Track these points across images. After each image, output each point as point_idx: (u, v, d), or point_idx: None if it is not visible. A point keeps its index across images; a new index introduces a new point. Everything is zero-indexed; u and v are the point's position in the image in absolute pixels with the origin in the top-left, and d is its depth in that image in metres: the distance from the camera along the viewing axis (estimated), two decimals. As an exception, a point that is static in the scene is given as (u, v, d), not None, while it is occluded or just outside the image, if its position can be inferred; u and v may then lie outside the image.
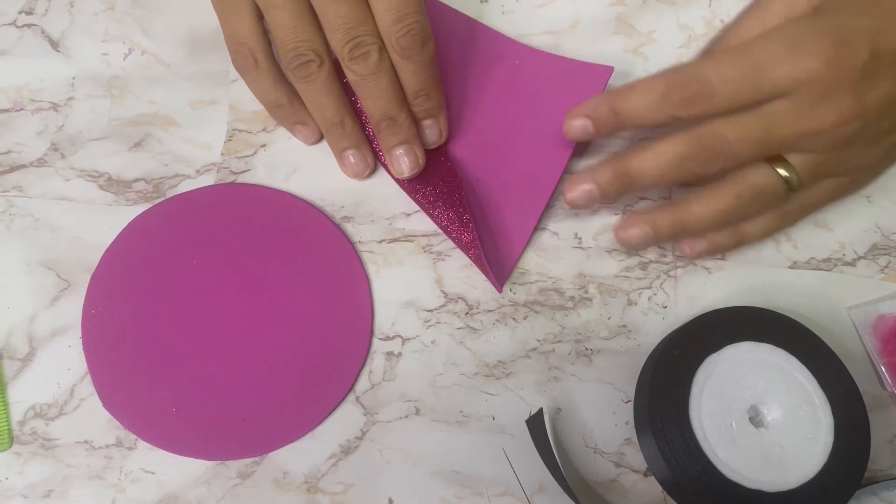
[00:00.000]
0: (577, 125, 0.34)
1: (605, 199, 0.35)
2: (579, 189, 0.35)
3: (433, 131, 0.38)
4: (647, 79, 0.33)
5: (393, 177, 0.38)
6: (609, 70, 0.39)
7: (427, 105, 0.36)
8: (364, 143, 0.38)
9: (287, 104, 0.37)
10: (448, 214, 0.37)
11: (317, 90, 0.35)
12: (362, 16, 0.33)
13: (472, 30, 0.41)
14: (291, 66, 0.34)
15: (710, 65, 0.32)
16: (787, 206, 0.36)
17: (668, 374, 0.35)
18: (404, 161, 0.37)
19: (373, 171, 0.39)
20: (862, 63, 0.31)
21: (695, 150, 0.33)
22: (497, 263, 0.38)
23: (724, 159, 0.33)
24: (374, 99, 0.35)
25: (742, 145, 0.33)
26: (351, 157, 0.38)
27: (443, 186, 0.38)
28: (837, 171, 0.35)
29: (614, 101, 0.33)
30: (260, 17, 0.35)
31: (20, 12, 0.41)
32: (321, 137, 0.39)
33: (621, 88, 0.33)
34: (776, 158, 0.34)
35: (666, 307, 0.38)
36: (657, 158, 0.34)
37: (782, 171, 0.34)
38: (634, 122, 0.34)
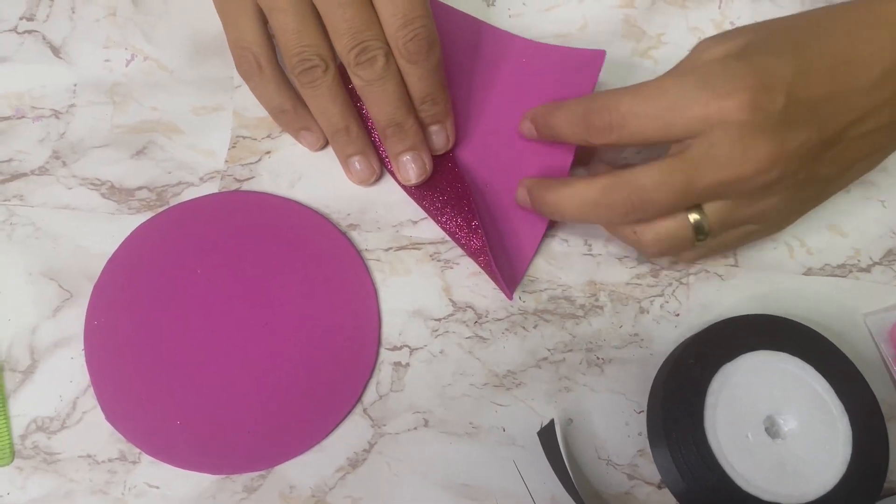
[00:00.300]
0: (524, 127, 0.36)
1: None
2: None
3: (440, 137, 0.37)
4: (575, 99, 0.33)
5: (399, 183, 0.38)
6: (600, 54, 0.38)
7: (434, 110, 0.36)
8: (370, 149, 0.37)
9: (291, 110, 0.37)
10: (456, 221, 0.36)
11: (322, 95, 0.35)
12: (368, 20, 0.32)
13: (477, 30, 0.40)
14: (296, 72, 0.34)
15: (627, 97, 0.31)
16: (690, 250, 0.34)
17: (682, 383, 0.34)
18: (411, 167, 0.36)
19: (379, 178, 0.38)
20: (780, 108, 0.29)
21: (610, 201, 0.31)
22: (507, 270, 0.37)
23: (641, 212, 0.31)
24: (381, 105, 0.34)
25: (661, 195, 0.31)
26: (356, 163, 0.37)
27: (450, 192, 0.37)
28: (749, 220, 0.33)
29: (549, 113, 0.34)
30: (264, 21, 0.34)
31: (21, 18, 0.40)
32: (326, 143, 0.39)
33: (557, 103, 0.34)
34: (692, 206, 0.32)
35: (678, 315, 0.37)
36: (572, 199, 0.33)
37: (694, 217, 0.32)
38: (561, 138, 0.34)
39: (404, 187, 0.38)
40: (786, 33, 0.31)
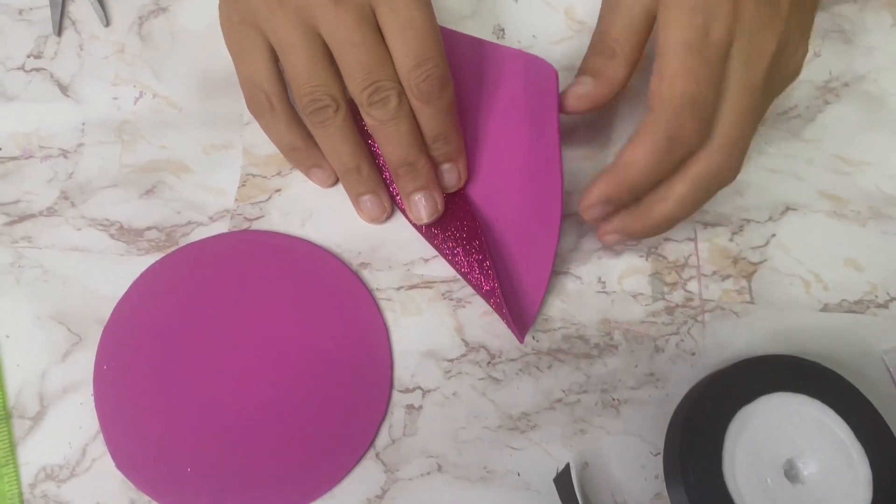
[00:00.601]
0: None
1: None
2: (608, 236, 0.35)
3: (452, 175, 0.37)
4: (638, 136, 0.31)
5: (411, 222, 0.37)
6: None
7: (446, 149, 0.36)
8: (381, 188, 0.37)
9: (303, 147, 0.36)
10: (468, 261, 0.36)
11: (332, 135, 0.35)
12: (381, 60, 0.32)
13: (486, 53, 0.40)
14: (307, 111, 0.34)
15: (678, 79, 0.30)
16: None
17: (699, 427, 0.33)
18: (423, 207, 0.36)
19: (390, 216, 0.38)
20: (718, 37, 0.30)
21: (676, 124, 0.31)
22: (519, 310, 0.37)
23: (706, 126, 0.31)
24: (393, 144, 0.34)
25: (748, 127, 0.32)
26: (368, 202, 0.37)
27: (462, 231, 0.37)
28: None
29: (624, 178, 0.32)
30: (275, 58, 0.34)
31: (28, 56, 0.40)
32: (337, 180, 0.38)
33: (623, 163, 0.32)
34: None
35: (694, 354, 0.37)
36: (672, 204, 0.33)
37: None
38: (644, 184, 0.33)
39: (415, 225, 0.37)
40: None
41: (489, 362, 0.36)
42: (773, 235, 0.39)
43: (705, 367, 0.37)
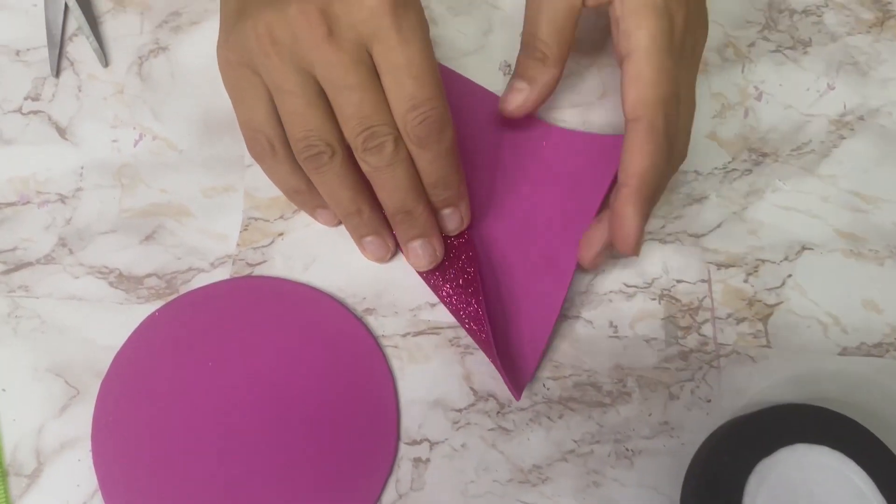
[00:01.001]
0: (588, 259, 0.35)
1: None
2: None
3: (453, 219, 0.36)
4: (637, 144, 0.32)
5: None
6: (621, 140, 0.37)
7: (446, 195, 0.34)
8: (383, 229, 0.36)
9: (306, 190, 0.35)
10: (464, 309, 0.35)
11: (329, 181, 0.33)
12: (376, 103, 0.31)
13: (494, 104, 0.39)
14: (301, 157, 0.32)
15: (659, 86, 0.32)
16: None
17: (717, 480, 0.32)
18: (421, 255, 0.35)
19: (394, 255, 0.37)
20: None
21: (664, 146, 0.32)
22: (519, 363, 0.35)
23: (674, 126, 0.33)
24: (389, 191, 0.33)
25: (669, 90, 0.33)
26: (371, 243, 0.36)
27: (460, 276, 0.35)
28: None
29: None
30: (273, 100, 0.33)
31: (26, 98, 0.39)
32: None
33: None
34: None
35: (710, 401, 0.36)
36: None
37: None
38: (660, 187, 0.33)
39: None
40: None
41: (498, 412, 0.35)
42: (789, 276, 0.38)
43: (722, 415, 0.35)
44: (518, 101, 0.36)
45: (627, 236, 0.32)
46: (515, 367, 0.35)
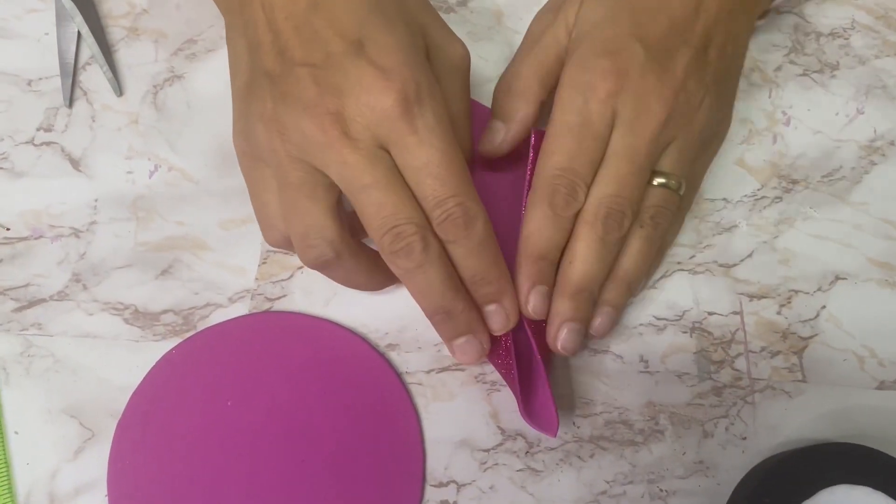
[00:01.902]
0: (536, 295, 0.32)
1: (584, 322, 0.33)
2: (559, 338, 0.32)
3: (498, 318, 0.32)
4: (529, 212, 0.33)
5: None
6: None
7: (486, 290, 0.32)
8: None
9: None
10: (494, 360, 0.34)
11: (338, 278, 0.33)
12: (398, 201, 0.29)
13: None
14: (303, 261, 0.31)
15: (551, 158, 0.32)
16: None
17: (757, 525, 0.31)
18: (467, 351, 0.32)
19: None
20: (644, 56, 0.32)
21: (602, 226, 0.32)
22: (542, 398, 0.34)
23: (628, 210, 0.32)
24: (424, 294, 0.31)
25: (626, 188, 0.32)
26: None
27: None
28: (700, 141, 0.34)
29: (531, 252, 0.32)
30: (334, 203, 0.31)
31: (38, 129, 0.39)
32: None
33: (523, 237, 0.33)
34: (651, 175, 0.33)
35: (745, 438, 0.35)
36: (586, 260, 0.32)
37: (663, 184, 0.33)
38: (559, 246, 0.33)
39: None
40: None
41: (527, 452, 0.34)
42: (823, 307, 0.37)
43: (758, 453, 0.34)
44: (496, 140, 0.35)
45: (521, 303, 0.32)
46: (540, 402, 0.34)
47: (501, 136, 0.35)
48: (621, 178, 0.32)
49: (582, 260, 0.32)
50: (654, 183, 0.33)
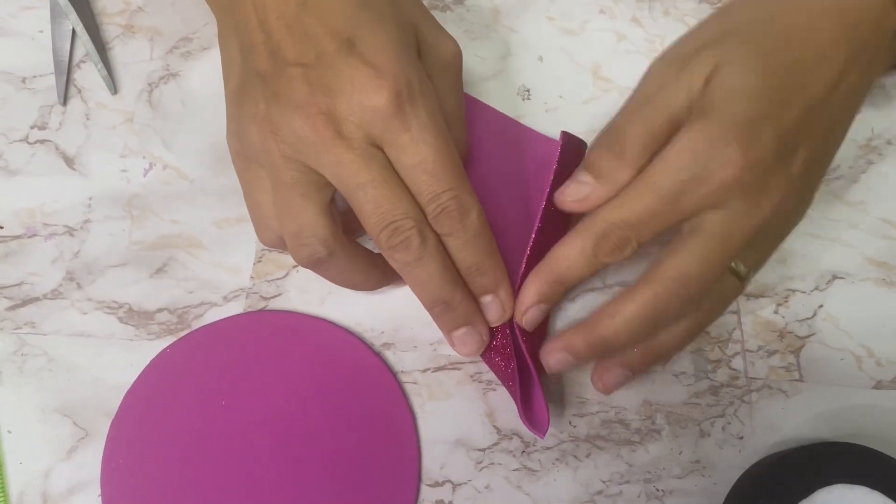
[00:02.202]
0: (536, 312, 0.32)
1: (584, 363, 0.32)
2: (554, 358, 0.32)
3: (494, 308, 0.32)
4: (570, 238, 0.31)
5: None
6: None
7: (482, 281, 0.32)
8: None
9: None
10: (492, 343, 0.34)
11: (334, 277, 0.33)
12: (394, 197, 0.29)
13: (514, 130, 0.38)
14: (296, 259, 0.31)
15: (622, 208, 0.30)
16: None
17: (754, 525, 0.31)
18: (466, 343, 0.33)
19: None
20: (771, 150, 0.29)
21: (665, 301, 0.30)
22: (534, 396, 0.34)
23: (695, 303, 0.31)
24: (423, 286, 0.31)
25: (708, 277, 0.30)
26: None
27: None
28: (774, 236, 0.33)
29: (551, 268, 0.31)
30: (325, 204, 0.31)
31: (32, 127, 0.38)
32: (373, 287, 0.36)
33: (552, 255, 0.31)
34: None
35: (742, 438, 0.34)
36: (627, 322, 0.30)
37: (741, 278, 0.32)
38: (577, 281, 0.31)
39: None
40: (745, 44, 0.30)
41: (523, 451, 0.34)
42: (821, 306, 0.37)
43: (754, 453, 0.34)
44: (580, 194, 0.32)
45: (517, 310, 0.32)
46: (532, 400, 0.34)
47: (587, 191, 0.31)
48: (705, 258, 0.30)
49: (623, 322, 0.30)
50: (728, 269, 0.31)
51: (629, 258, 0.30)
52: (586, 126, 0.39)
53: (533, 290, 0.32)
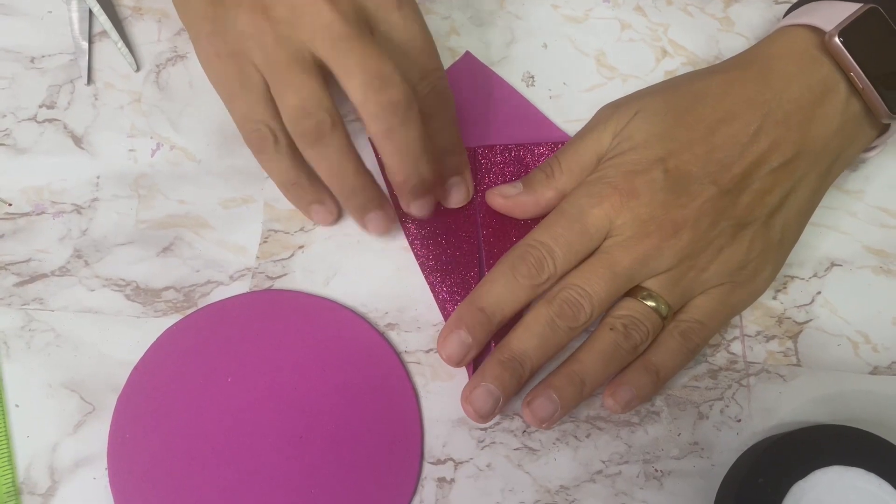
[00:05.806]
0: (454, 340, 0.33)
1: (510, 393, 0.33)
2: (477, 394, 0.32)
3: (461, 189, 0.37)
4: (495, 266, 0.34)
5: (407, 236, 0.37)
6: None
7: (455, 160, 0.36)
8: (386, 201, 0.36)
9: (307, 183, 0.35)
10: (449, 287, 0.36)
11: (330, 155, 0.32)
12: (388, 62, 0.30)
13: (518, 99, 0.40)
14: (297, 131, 0.32)
15: (538, 230, 0.34)
16: (683, 326, 0.34)
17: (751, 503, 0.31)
18: (423, 208, 0.36)
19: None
20: (660, 184, 0.33)
21: (558, 307, 0.32)
22: None
23: (588, 305, 0.32)
24: (402, 153, 0.32)
25: (595, 285, 0.32)
26: (373, 219, 0.35)
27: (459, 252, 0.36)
28: (705, 282, 0.34)
29: (475, 300, 0.33)
30: (270, 96, 0.32)
31: (41, 106, 0.39)
32: (339, 217, 0.37)
33: (477, 287, 0.34)
34: (636, 290, 0.33)
35: (740, 420, 0.35)
36: (529, 330, 0.33)
37: (646, 301, 0.33)
38: (504, 310, 0.33)
39: (409, 238, 0.37)
40: (663, 104, 0.34)
41: (524, 431, 0.34)
42: (819, 293, 0.37)
43: (752, 435, 0.35)
44: (507, 193, 0.36)
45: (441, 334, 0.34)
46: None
47: (513, 193, 0.36)
48: (592, 274, 0.33)
49: (524, 329, 0.33)
50: (637, 297, 0.33)
51: (577, 325, 0.32)
52: (589, 113, 0.39)
53: (455, 317, 0.33)
